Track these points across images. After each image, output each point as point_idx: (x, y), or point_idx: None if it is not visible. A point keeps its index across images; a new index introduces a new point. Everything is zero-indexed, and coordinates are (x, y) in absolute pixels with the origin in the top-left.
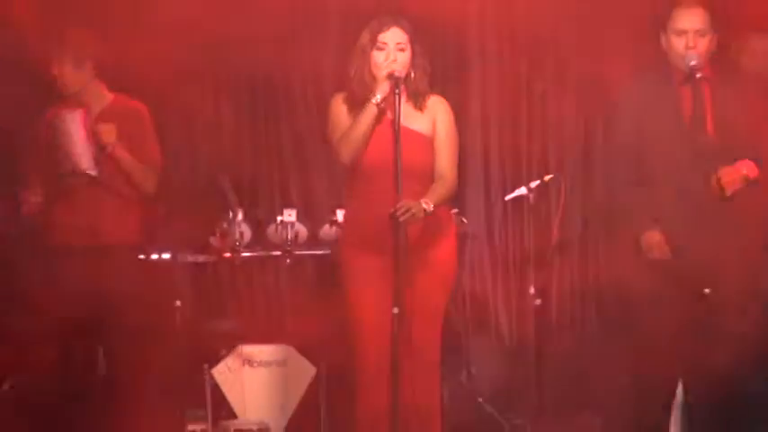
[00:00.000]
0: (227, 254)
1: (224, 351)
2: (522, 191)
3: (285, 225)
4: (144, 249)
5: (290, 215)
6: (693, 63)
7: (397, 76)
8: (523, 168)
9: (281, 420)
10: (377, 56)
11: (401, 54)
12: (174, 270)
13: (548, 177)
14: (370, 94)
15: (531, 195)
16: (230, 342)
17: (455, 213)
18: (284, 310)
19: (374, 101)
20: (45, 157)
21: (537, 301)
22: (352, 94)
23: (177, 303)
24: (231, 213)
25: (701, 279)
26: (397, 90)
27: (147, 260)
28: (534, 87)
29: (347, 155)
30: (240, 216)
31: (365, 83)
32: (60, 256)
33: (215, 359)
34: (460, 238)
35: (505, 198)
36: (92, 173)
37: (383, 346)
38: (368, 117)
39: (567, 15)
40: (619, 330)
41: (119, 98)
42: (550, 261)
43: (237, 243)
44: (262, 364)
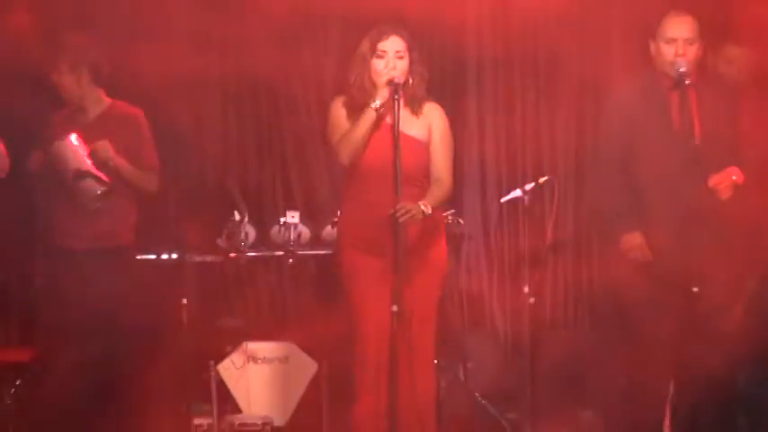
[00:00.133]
0: (232, 254)
1: (229, 348)
2: (518, 193)
3: (288, 226)
4: (151, 249)
5: (293, 216)
6: (683, 70)
7: (397, 82)
8: (518, 171)
9: (284, 415)
10: (377, 63)
11: (400, 62)
12: (182, 269)
13: (542, 180)
14: (370, 100)
15: (526, 197)
16: (235, 339)
17: (452, 215)
18: (287, 308)
19: (374, 106)
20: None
21: (531, 300)
22: (351, 99)
23: (184, 301)
24: (237, 215)
25: (687, 280)
26: (396, 96)
27: (157, 260)
28: (528, 94)
29: (346, 156)
30: (246, 218)
31: (365, 89)
32: (65, 257)
33: (220, 355)
34: (456, 239)
35: (501, 200)
36: (102, 190)
37: (383, 345)
38: (367, 121)
39: (563, 24)
40: (611, 328)
41: (116, 104)
42: (544, 261)
43: (242, 244)
44: (265, 360)
